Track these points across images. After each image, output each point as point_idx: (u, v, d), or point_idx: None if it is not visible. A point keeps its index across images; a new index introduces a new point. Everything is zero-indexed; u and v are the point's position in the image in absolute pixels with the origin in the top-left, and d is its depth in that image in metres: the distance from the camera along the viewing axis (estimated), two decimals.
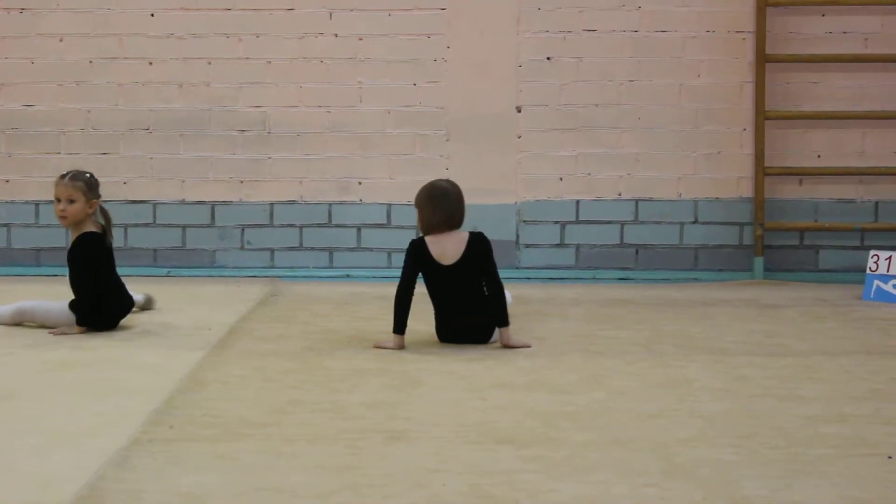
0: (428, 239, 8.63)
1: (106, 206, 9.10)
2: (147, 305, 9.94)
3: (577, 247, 11.79)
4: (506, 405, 7.20)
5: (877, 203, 11.69)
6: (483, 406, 7.17)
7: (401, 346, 8.51)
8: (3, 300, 10.17)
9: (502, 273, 8.81)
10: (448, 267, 8.50)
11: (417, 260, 8.61)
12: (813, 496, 5.78)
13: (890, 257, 10.58)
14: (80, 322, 9.04)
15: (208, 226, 11.90)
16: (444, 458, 6.32)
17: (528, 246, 11.69)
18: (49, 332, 9.05)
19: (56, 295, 10.17)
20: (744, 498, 5.77)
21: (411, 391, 7.61)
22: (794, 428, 6.87)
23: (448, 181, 9.06)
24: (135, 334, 9.16)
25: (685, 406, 7.30)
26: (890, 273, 10.54)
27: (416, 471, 6.12)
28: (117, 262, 9.61)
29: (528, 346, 8.50)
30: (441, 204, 8.69)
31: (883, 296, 10.53)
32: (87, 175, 8.92)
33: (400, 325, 8.53)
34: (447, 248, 8.55)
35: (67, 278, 9.18)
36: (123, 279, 9.46)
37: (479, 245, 8.57)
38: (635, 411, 6.96)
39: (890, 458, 6.37)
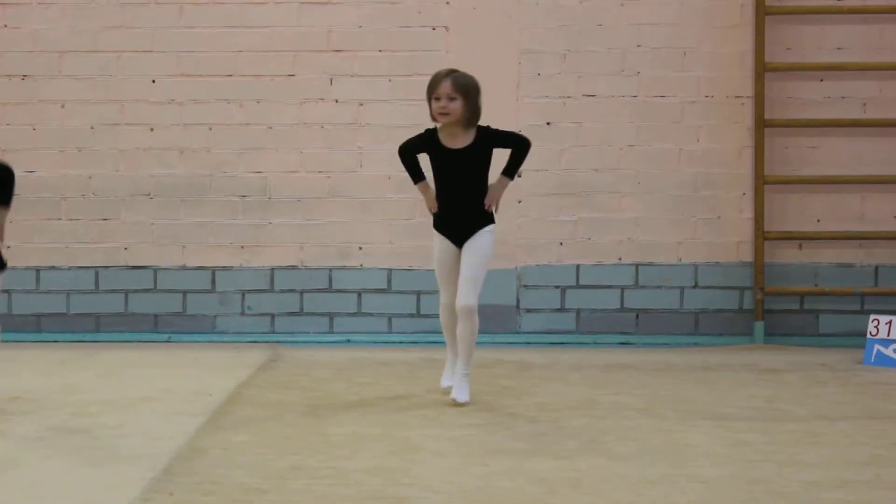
0: (442, 132, 8.69)
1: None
2: None
3: (578, 311, 11.80)
4: (507, 471, 7.19)
5: (877, 267, 11.70)
6: (484, 472, 7.16)
7: (431, 200, 8.82)
8: (4, 367, 10.17)
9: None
10: (457, 151, 8.61)
11: (426, 147, 8.80)
12: None
13: (890, 322, 10.59)
14: None
15: (209, 291, 11.91)
16: None
17: (528, 311, 11.69)
18: None
19: (59, 362, 10.17)
20: None
21: (412, 457, 7.60)
22: (795, 494, 6.86)
23: None
24: (134, 400, 9.15)
25: (685, 472, 7.29)
26: (890, 337, 10.54)
27: None
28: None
29: (493, 209, 8.79)
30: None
31: (883, 360, 10.53)
32: None
33: (417, 174, 8.88)
34: (459, 138, 8.63)
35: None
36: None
37: (487, 132, 8.66)
38: (635, 477, 6.95)
39: None
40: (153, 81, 11.80)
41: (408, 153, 8.78)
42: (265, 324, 11.91)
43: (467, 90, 8.47)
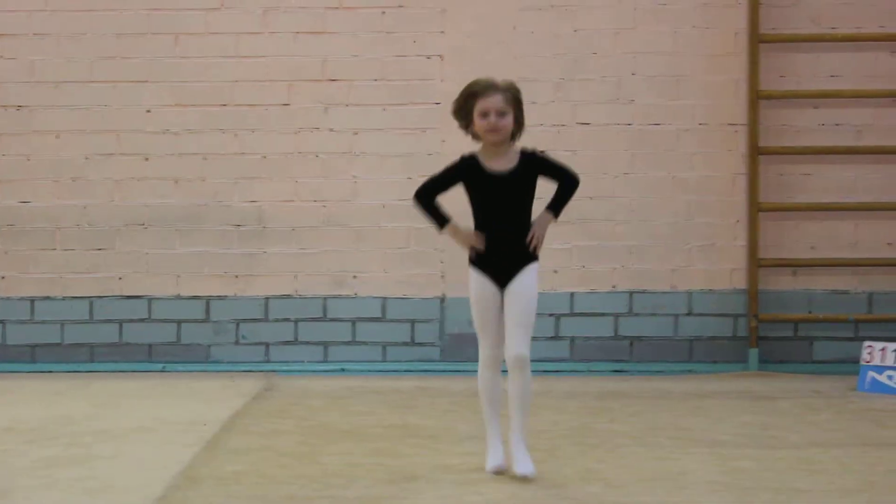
0: (483, 154, 7.34)
1: None
2: None
3: (572, 339, 11.81)
4: (502, 499, 7.20)
5: (870, 294, 11.73)
6: (479, 501, 7.17)
7: (472, 237, 7.41)
8: None
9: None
10: (501, 175, 7.26)
11: (464, 175, 7.41)
12: None
13: (884, 348, 10.61)
14: None
15: (203, 321, 11.92)
16: None
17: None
18: None
19: (54, 392, 10.18)
20: None
21: (407, 486, 7.60)
22: None
23: None
24: (129, 430, 9.16)
25: (680, 499, 7.30)
26: (884, 364, 10.56)
27: None
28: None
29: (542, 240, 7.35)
30: None
31: (878, 387, 10.55)
32: None
33: (441, 218, 7.58)
34: (501, 160, 7.30)
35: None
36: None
37: (534, 159, 7.35)
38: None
39: None
40: (148, 111, 11.82)
41: (426, 196, 7.57)
42: (259, 353, 11.92)
43: (518, 102, 7.31)
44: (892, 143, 11.64)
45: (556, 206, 7.38)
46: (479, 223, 7.34)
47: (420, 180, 11.62)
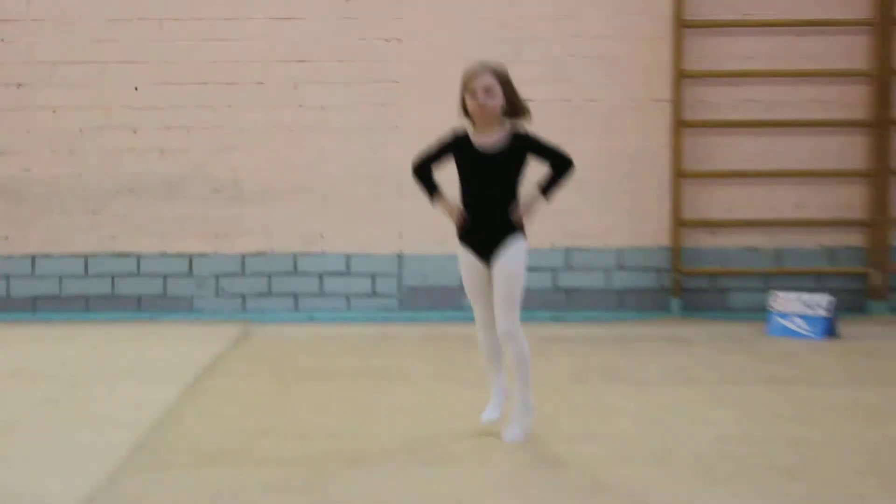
0: (474, 131, 6.62)
1: None
2: None
3: None
4: (451, 430, 7.26)
5: (778, 250, 11.83)
6: (431, 430, 7.23)
7: (455, 212, 6.68)
8: (4, 344, 10.17)
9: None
10: (488, 151, 6.54)
11: (453, 149, 6.68)
12: None
13: (790, 298, 10.69)
14: None
15: (187, 275, 11.93)
16: (398, 478, 6.38)
17: None
18: None
19: (54, 339, 10.15)
20: None
21: (367, 420, 7.65)
22: (705, 448, 6.95)
23: None
24: (120, 372, 9.17)
25: (609, 429, 7.37)
26: (790, 311, 10.65)
27: (374, 494, 6.18)
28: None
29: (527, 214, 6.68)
30: None
31: (784, 331, 10.64)
32: None
33: (433, 190, 6.81)
34: (490, 137, 6.58)
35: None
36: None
37: (523, 138, 6.63)
38: (566, 434, 7.02)
39: (790, 473, 6.46)
40: (136, 89, 11.80)
41: (423, 169, 6.79)
42: (237, 304, 11.94)
43: (506, 81, 6.60)
44: (798, 117, 11.71)
45: (547, 188, 6.70)
46: (464, 198, 6.60)
47: (380, 151, 11.78)
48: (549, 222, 11.77)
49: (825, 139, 11.75)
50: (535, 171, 6.80)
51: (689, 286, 11.82)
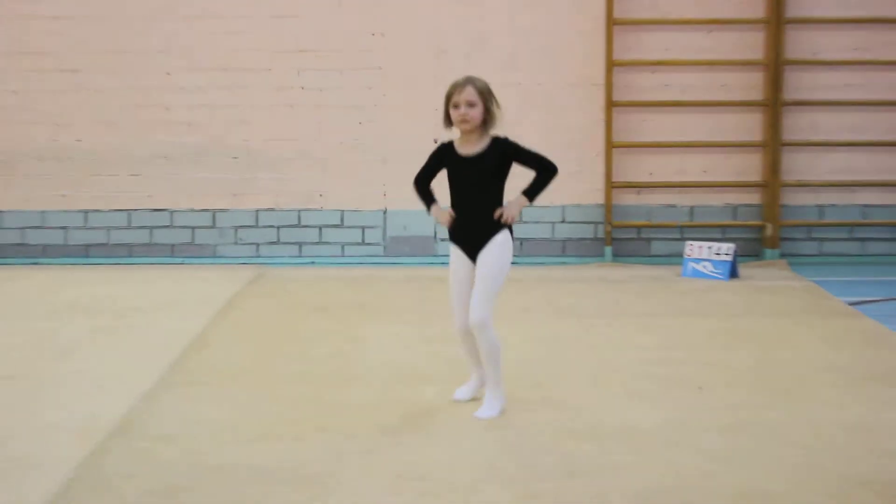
0: (458, 140, 5.99)
1: None
2: None
3: None
4: (426, 354, 7.34)
5: (692, 208, 11.88)
6: (413, 353, 7.32)
7: (443, 214, 5.99)
8: (63, 283, 10.16)
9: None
10: (469, 158, 5.90)
11: (441, 160, 6.03)
12: (643, 417, 5.98)
13: (700, 246, 10.75)
14: None
15: (210, 227, 11.92)
16: (383, 394, 6.47)
17: (443, 239, 11.72)
18: None
19: (103, 280, 10.13)
20: (595, 420, 5.95)
21: (359, 344, 7.73)
22: (631, 368, 7.05)
23: None
24: (157, 306, 9.20)
25: (554, 353, 7.46)
26: (700, 257, 10.70)
27: (364, 406, 6.26)
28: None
29: (513, 219, 5.95)
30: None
31: (695, 273, 10.68)
32: None
33: (428, 200, 6.10)
34: (472, 145, 5.92)
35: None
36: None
37: (504, 143, 5.98)
38: (518, 358, 7.11)
39: (700, 388, 6.57)
40: (168, 74, 11.75)
41: (420, 183, 6.12)
42: (252, 251, 11.94)
43: (486, 95, 5.89)
44: (706, 98, 11.72)
45: (530, 192, 5.99)
46: (453, 201, 5.94)
47: (366, 125, 11.76)
48: (508, 184, 11.78)
49: (728, 116, 11.78)
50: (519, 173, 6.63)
51: (618, 237, 11.85)
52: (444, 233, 11.46)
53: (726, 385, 6.65)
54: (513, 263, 5.86)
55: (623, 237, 11.90)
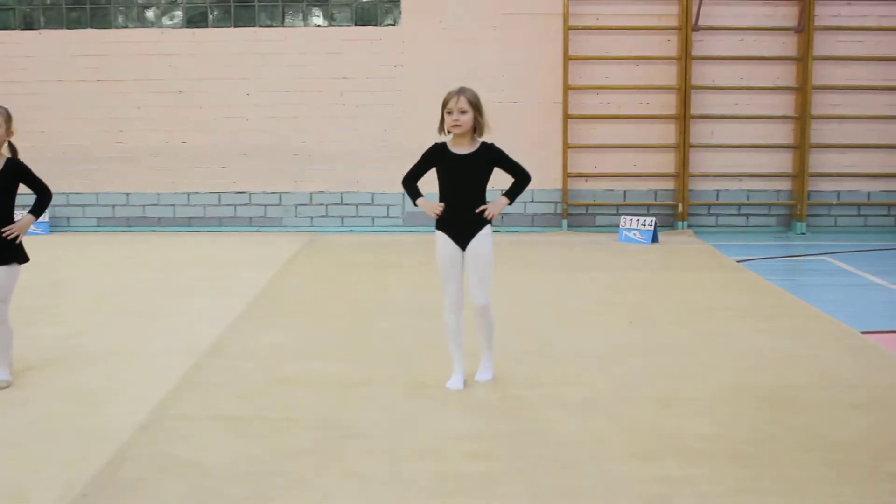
0: (450, 142, 5.20)
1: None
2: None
3: None
4: (435, 296, 7.34)
5: (625, 192, 11.81)
6: (421, 297, 7.32)
7: (431, 205, 5.17)
8: (173, 246, 10.13)
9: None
10: (462, 156, 5.14)
11: (434, 158, 5.23)
12: (588, 342, 5.99)
13: (631, 219, 10.76)
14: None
15: (278, 204, 11.89)
16: (403, 324, 6.47)
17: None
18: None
19: (202, 243, 10.09)
20: (552, 343, 5.94)
21: (387, 290, 7.74)
22: (580, 306, 7.06)
23: None
24: (239, 263, 9.19)
25: (523, 296, 7.45)
26: (630, 227, 10.69)
27: (389, 333, 6.26)
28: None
29: (495, 215, 5.15)
30: None
31: (628, 239, 10.66)
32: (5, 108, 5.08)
33: (415, 194, 5.25)
34: (463, 148, 5.16)
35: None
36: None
37: (492, 149, 5.23)
38: (496, 298, 7.06)
39: (630, 322, 6.57)
40: (248, 94, 11.71)
41: (408, 182, 5.27)
42: (307, 222, 11.90)
43: (476, 105, 5.18)
44: (636, 113, 11.65)
45: (510, 194, 5.20)
46: (442, 195, 5.17)
47: (390, 132, 11.70)
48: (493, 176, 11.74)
49: (651, 126, 11.71)
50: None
51: (572, 213, 11.78)
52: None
53: (649, 319, 6.66)
54: (494, 231, 5.58)
55: (575, 213, 11.84)
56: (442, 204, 5.11)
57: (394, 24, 11.68)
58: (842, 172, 11.66)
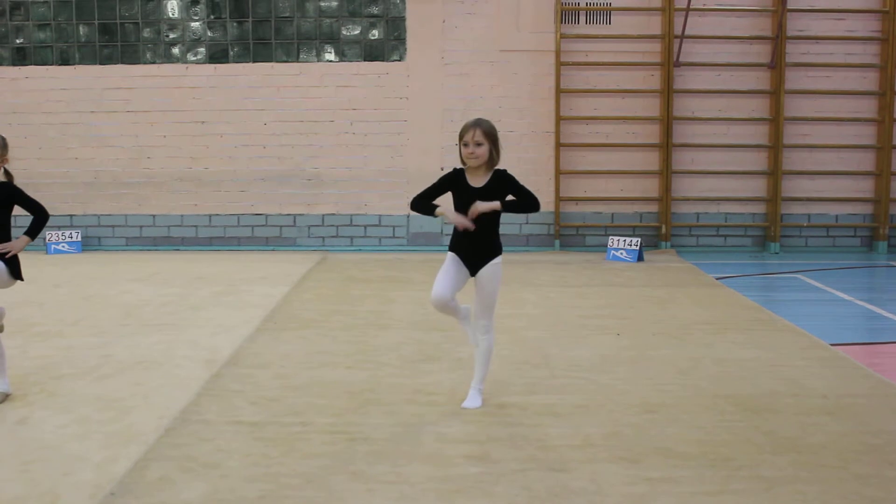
0: (467, 171, 4.83)
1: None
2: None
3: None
4: (436, 313, 7.34)
5: (612, 214, 11.84)
6: (424, 312, 7.32)
7: (455, 215, 4.75)
8: (192, 264, 10.11)
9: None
10: (477, 189, 4.76)
11: (451, 184, 4.85)
12: (579, 353, 5.99)
13: (618, 240, 10.76)
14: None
15: (292, 226, 11.90)
16: (406, 336, 6.46)
17: (447, 234, 11.67)
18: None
19: (220, 261, 10.06)
20: (547, 354, 5.94)
21: (390, 305, 7.73)
22: (572, 320, 7.06)
23: None
24: (256, 279, 9.19)
25: (519, 310, 7.45)
26: (618, 247, 10.70)
27: (393, 344, 6.26)
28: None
29: (480, 212, 4.69)
30: None
31: (615, 258, 10.69)
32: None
33: (431, 209, 4.77)
34: (479, 178, 4.79)
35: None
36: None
37: (504, 176, 4.81)
38: (496, 314, 7.09)
39: (618, 334, 6.57)
40: (265, 124, 11.74)
41: (420, 200, 4.79)
42: (320, 242, 11.91)
43: (492, 137, 4.79)
44: (623, 142, 11.68)
45: (508, 205, 4.75)
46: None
47: (396, 159, 11.72)
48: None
49: (636, 154, 11.74)
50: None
51: (564, 233, 11.79)
52: (448, 229, 11.43)
53: (635, 332, 6.66)
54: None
55: (567, 234, 11.85)
56: (471, 223, 4.67)
57: (400, 60, 11.73)
58: (812, 197, 11.70)
